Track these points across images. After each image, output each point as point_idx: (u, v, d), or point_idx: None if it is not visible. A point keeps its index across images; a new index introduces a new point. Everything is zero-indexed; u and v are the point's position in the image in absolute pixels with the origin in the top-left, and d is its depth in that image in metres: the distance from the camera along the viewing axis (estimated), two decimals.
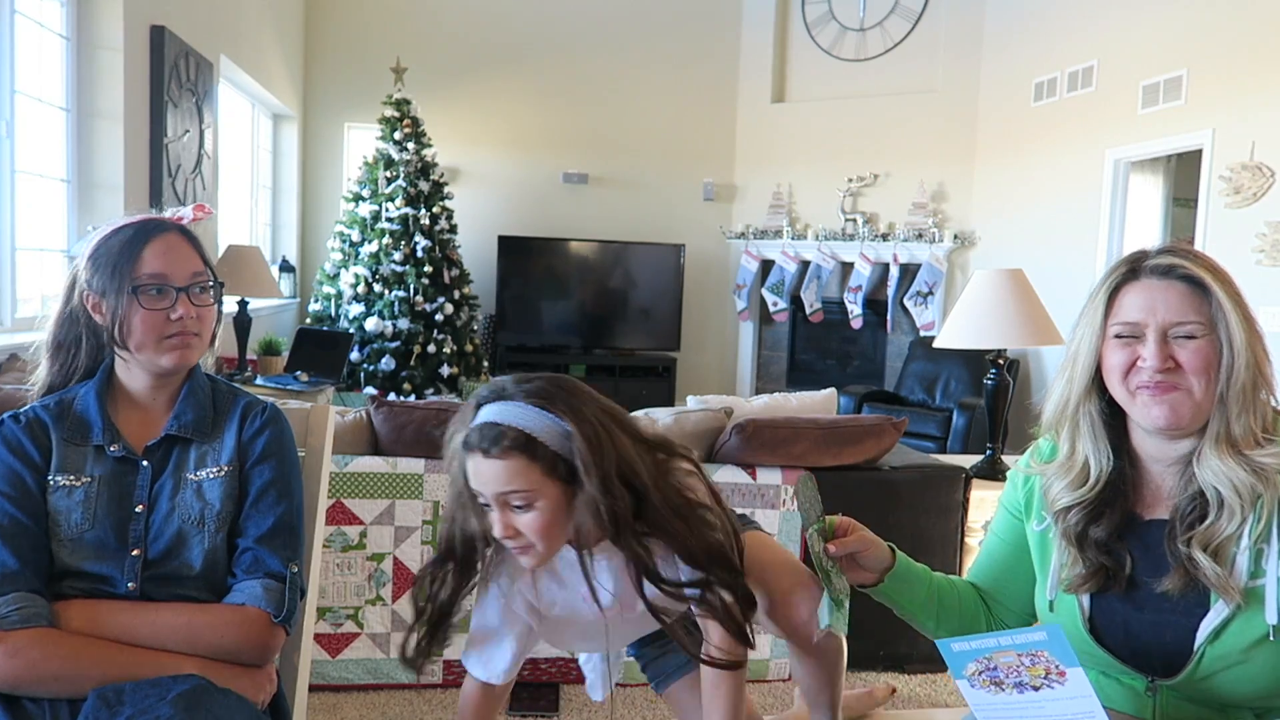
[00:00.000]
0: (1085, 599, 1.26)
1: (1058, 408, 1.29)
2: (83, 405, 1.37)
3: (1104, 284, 1.25)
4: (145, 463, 1.36)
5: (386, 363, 6.04)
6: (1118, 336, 1.22)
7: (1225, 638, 1.15)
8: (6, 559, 1.26)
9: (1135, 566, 1.23)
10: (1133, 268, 1.23)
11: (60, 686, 1.22)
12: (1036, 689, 1.12)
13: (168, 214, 1.44)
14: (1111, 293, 1.23)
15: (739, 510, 2.75)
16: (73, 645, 1.24)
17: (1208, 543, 1.15)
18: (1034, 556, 1.35)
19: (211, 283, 1.41)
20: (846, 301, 7.12)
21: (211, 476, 1.37)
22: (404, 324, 6.11)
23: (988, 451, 3.23)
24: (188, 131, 4.67)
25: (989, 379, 3.21)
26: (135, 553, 1.31)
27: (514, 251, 7.32)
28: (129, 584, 1.30)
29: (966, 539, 3.01)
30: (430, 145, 6.50)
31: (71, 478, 1.32)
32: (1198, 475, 1.18)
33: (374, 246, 6.16)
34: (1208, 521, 1.16)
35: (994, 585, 1.43)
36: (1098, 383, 1.25)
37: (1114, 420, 1.27)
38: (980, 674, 1.14)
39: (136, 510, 1.33)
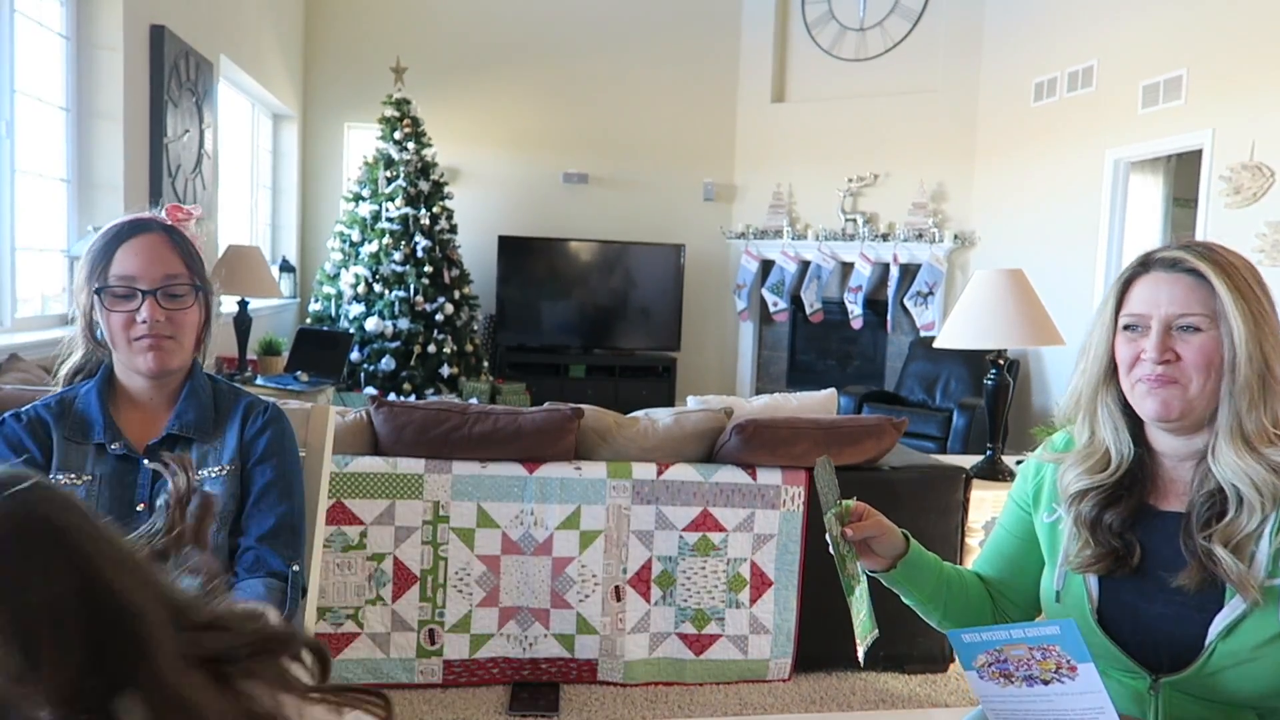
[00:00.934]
0: (1094, 589, 1.26)
1: (1071, 400, 1.32)
2: (84, 403, 1.38)
3: (1118, 278, 1.26)
4: (146, 461, 1.36)
5: (386, 363, 6.04)
6: (1126, 329, 1.23)
7: (1237, 635, 1.15)
8: None
9: (1147, 557, 1.23)
10: (1144, 261, 1.25)
11: None
12: (1046, 683, 1.12)
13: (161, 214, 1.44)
14: (1124, 286, 1.25)
15: (740, 509, 2.76)
16: None
17: (1229, 539, 1.15)
18: (1043, 547, 1.35)
19: (189, 285, 1.39)
20: (846, 301, 7.12)
21: (213, 476, 1.37)
22: (404, 324, 6.11)
23: (988, 452, 3.23)
24: (188, 131, 4.67)
25: (989, 379, 3.21)
26: None
27: (514, 251, 7.32)
28: None
29: (966, 539, 3.01)
30: (430, 145, 6.50)
31: (72, 476, 1.33)
32: (1214, 471, 1.18)
33: (374, 246, 6.16)
34: (1228, 518, 1.16)
35: (1000, 577, 1.43)
36: (1115, 374, 1.27)
37: (1131, 411, 1.27)
38: (990, 666, 1.14)
39: (137, 509, 1.33)
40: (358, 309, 6.13)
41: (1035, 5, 6.20)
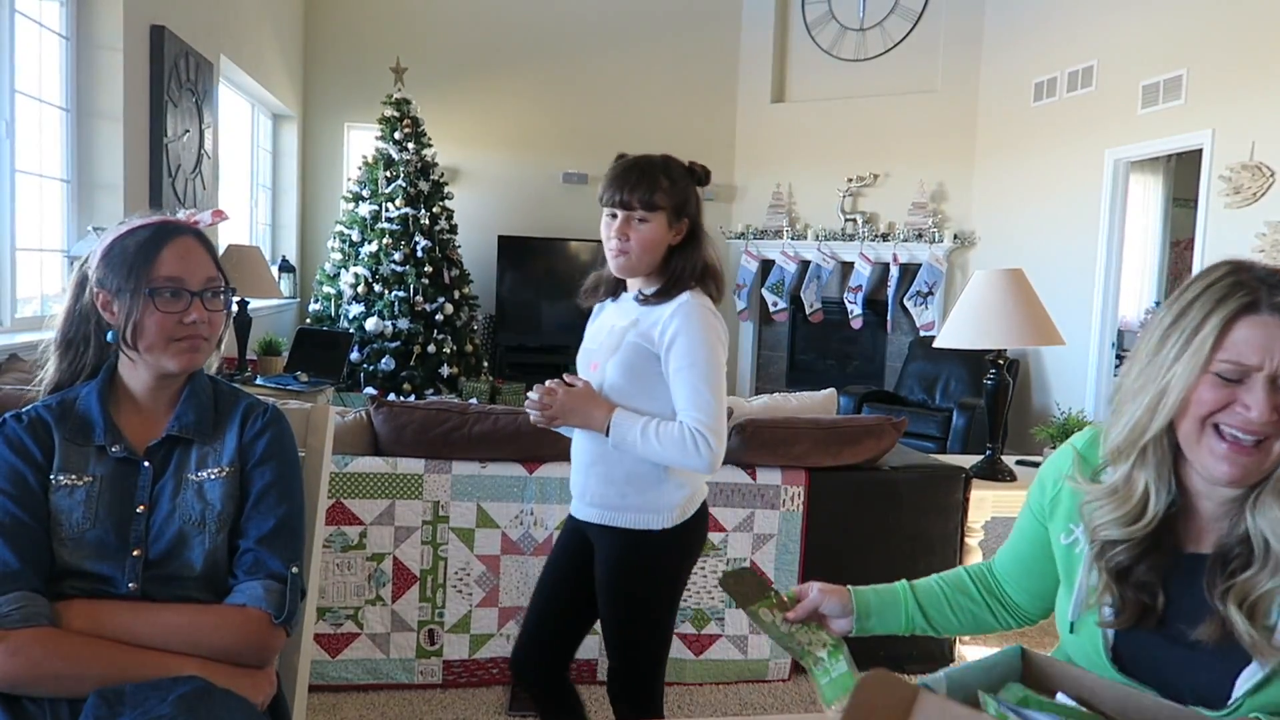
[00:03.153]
0: (1110, 631, 1.16)
1: (1130, 435, 1.12)
2: (85, 405, 1.37)
3: (1217, 309, 1.06)
4: (146, 463, 1.36)
5: (386, 363, 6.04)
6: (1220, 375, 1.05)
7: (1268, 691, 1.05)
8: (8, 558, 1.26)
9: (1169, 606, 1.12)
10: (1251, 299, 1.04)
11: (61, 686, 1.22)
12: None
13: (182, 216, 1.44)
14: (1225, 323, 1.05)
15: (740, 509, 2.76)
16: (74, 645, 1.24)
17: (1244, 596, 1.04)
18: (1059, 568, 1.25)
19: (223, 288, 1.41)
20: (846, 302, 7.12)
21: (212, 477, 1.37)
22: (404, 324, 6.11)
23: (987, 452, 3.23)
24: (187, 131, 4.67)
25: (989, 379, 3.21)
26: (136, 553, 1.31)
27: (514, 251, 7.32)
28: (130, 584, 1.30)
29: (966, 539, 3.01)
30: (430, 145, 6.50)
31: (73, 477, 1.32)
32: (1249, 521, 1.07)
33: (374, 246, 6.16)
34: (1248, 572, 1.05)
35: (1010, 578, 1.37)
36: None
37: (1179, 451, 1.14)
38: None
39: (137, 511, 1.33)
40: (358, 309, 6.13)
41: (1035, 5, 6.20)
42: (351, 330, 5.99)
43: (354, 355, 6.01)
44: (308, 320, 6.42)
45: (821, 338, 7.73)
